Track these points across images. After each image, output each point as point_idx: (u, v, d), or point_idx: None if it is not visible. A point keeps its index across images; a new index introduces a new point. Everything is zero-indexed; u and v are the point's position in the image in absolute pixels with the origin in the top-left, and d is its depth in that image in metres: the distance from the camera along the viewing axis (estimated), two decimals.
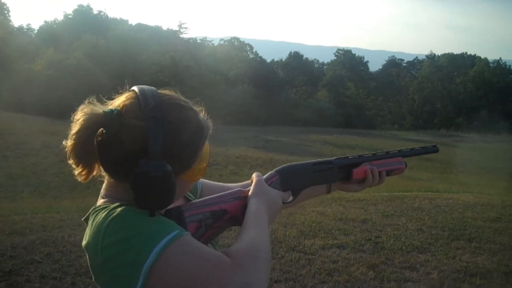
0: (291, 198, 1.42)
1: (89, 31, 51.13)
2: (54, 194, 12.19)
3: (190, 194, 1.44)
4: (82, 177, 1.19)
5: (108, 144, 1.11)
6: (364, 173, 1.59)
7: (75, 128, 1.14)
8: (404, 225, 6.80)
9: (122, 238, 1.03)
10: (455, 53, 77.84)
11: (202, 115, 1.26)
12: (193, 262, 1.02)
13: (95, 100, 1.18)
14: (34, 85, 37.98)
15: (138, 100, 1.14)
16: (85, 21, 57.56)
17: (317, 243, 5.84)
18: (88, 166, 1.17)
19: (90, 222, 1.14)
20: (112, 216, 1.08)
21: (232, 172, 16.90)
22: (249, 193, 1.28)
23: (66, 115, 1.19)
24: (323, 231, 6.35)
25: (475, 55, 77.05)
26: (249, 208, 1.22)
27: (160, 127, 1.10)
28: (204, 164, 1.23)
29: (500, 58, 73.59)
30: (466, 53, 77.73)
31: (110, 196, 1.19)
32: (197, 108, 1.25)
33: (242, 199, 1.27)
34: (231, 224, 1.26)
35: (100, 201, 1.20)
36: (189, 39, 65.78)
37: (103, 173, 1.21)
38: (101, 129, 1.11)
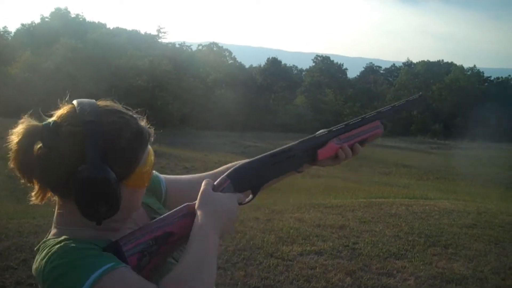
0: (250, 197, 1.36)
1: (67, 34, 50.71)
2: (30, 199, 12.02)
3: (153, 201, 1.41)
4: (38, 199, 1.18)
5: (47, 157, 1.10)
6: (334, 151, 1.46)
7: (14, 142, 1.12)
8: (381, 231, 6.83)
9: (59, 274, 1.02)
10: (431, 60, 78.76)
11: (143, 122, 1.22)
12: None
13: (36, 115, 1.17)
14: (10, 88, 37.56)
15: (75, 109, 1.13)
16: (62, 24, 57.07)
17: (295, 249, 5.84)
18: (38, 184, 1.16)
19: (37, 256, 1.12)
20: (50, 253, 1.06)
21: None
22: (196, 206, 1.21)
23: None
24: (301, 237, 6.35)
25: (451, 62, 78.06)
26: (194, 224, 1.17)
27: (97, 131, 1.09)
28: (149, 170, 1.20)
29: (475, 65, 74.68)
30: (442, 60, 78.77)
31: (62, 224, 1.17)
32: (137, 116, 1.22)
33: (189, 215, 1.21)
34: (181, 244, 1.19)
35: (52, 232, 1.18)
36: (167, 43, 65.63)
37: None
38: (39, 142, 1.10)
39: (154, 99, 47.51)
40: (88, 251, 1.06)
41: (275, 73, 67.97)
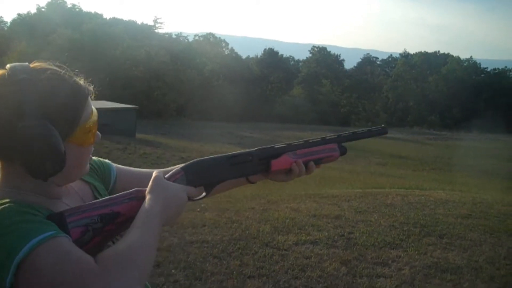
0: (203, 194, 1.35)
1: (63, 24, 50.52)
2: None
3: (99, 184, 1.39)
4: None
5: None
6: (288, 164, 1.45)
7: None
8: (377, 221, 6.85)
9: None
10: (428, 51, 78.74)
11: (82, 80, 1.20)
12: (58, 266, 0.99)
13: None
14: None
15: (7, 73, 1.10)
16: (59, 15, 56.77)
17: (290, 239, 5.85)
18: None
19: None
20: None
21: None
22: (146, 191, 1.20)
23: None
24: (297, 227, 6.36)
25: (448, 53, 78.07)
26: (142, 206, 1.15)
27: (32, 87, 1.08)
28: (93, 128, 1.19)
29: (471, 56, 74.71)
30: (438, 51, 78.75)
31: (3, 187, 1.14)
32: (74, 73, 1.20)
33: (139, 199, 1.19)
34: (127, 227, 1.15)
35: None
36: (164, 34, 65.43)
37: None
38: None
39: (151, 89, 47.46)
40: (30, 216, 1.05)
41: (272, 64, 67.86)
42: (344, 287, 4.59)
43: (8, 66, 1.12)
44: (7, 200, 1.08)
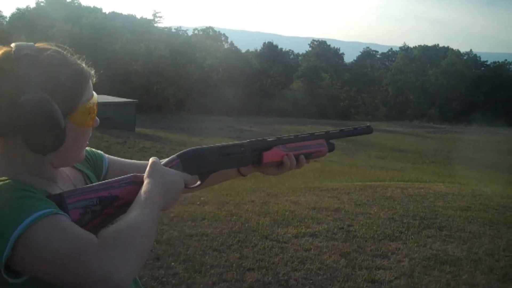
0: (198, 182, 1.37)
1: (62, 19, 50.40)
2: None
3: (90, 174, 1.40)
4: None
5: None
6: (279, 157, 1.49)
7: None
8: (376, 214, 6.86)
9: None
10: (428, 44, 78.63)
11: (83, 63, 1.22)
12: (58, 242, 0.99)
13: None
14: None
15: (12, 50, 1.13)
16: (58, 9, 56.62)
17: (290, 231, 5.86)
18: None
19: None
20: None
21: None
22: (144, 175, 1.22)
23: None
24: (296, 219, 6.37)
25: (447, 47, 77.96)
26: (141, 189, 1.17)
27: (35, 63, 1.10)
28: (93, 111, 1.20)
29: (471, 50, 74.62)
30: (438, 45, 78.60)
31: (1, 165, 1.15)
32: (76, 56, 1.22)
33: (137, 183, 1.21)
34: (125, 211, 1.15)
35: None
36: (163, 28, 65.29)
37: None
38: None
39: (150, 84, 47.40)
40: (30, 193, 1.05)
41: (272, 58, 67.74)
42: (343, 279, 4.60)
43: (13, 44, 1.15)
44: (5, 178, 1.09)
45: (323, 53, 73.57)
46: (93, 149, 1.46)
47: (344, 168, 14.11)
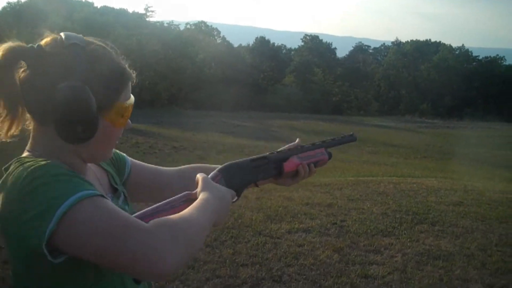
0: (236, 198, 1.37)
1: (53, 12, 50.06)
2: None
3: (114, 174, 1.40)
4: (4, 129, 1.17)
5: (30, 78, 1.11)
6: (295, 167, 1.55)
7: None
8: (369, 209, 6.88)
9: (42, 183, 1.00)
10: (420, 39, 78.73)
11: (127, 65, 1.24)
12: (105, 220, 0.99)
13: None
14: None
15: (61, 38, 1.15)
16: (49, 3, 56.23)
17: (283, 227, 5.86)
18: (11, 110, 1.15)
19: (11, 168, 1.10)
20: (33, 166, 1.04)
21: (199, 157, 16.83)
22: (198, 190, 1.22)
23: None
24: (290, 215, 6.38)
25: (439, 42, 78.06)
26: (200, 198, 1.18)
27: (80, 53, 1.12)
28: (127, 112, 1.21)
29: (463, 45, 74.77)
30: (430, 40, 78.69)
31: (35, 150, 1.16)
32: (121, 56, 1.25)
33: (191, 201, 1.20)
34: None
35: (24, 154, 1.17)
36: (155, 22, 64.98)
37: (27, 125, 1.18)
38: (22, 63, 1.12)
39: (142, 78, 47.22)
40: (74, 173, 1.07)
41: (264, 53, 67.60)
42: (336, 274, 4.61)
43: (62, 33, 1.18)
44: (45, 159, 1.09)
45: (316, 47, 73.50)
46: (117, 151, 1.46)
47: (337, 163, 14.09)
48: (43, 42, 1.15)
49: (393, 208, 6.92)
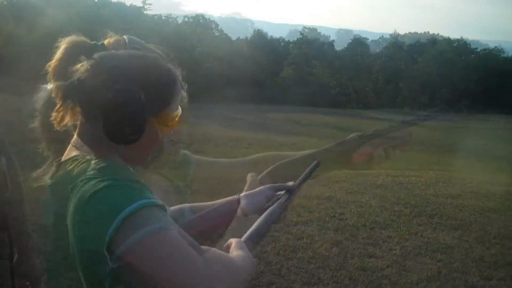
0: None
1: (50, 6, 49.85)
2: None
3: None
4: (58, 118, 1.19)
5: (89, 74, 1.13)
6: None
7: (58, 51, 1.20)
8: (367, 202, 6.87)
9: (111, 185, 1.03)
10: (418, 32, 78.60)
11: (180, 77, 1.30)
12: (169, 252, 1.00)
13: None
14: None
15: (125, 40, 1.22)
16: None
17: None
18: (65, 102, 1.17)
19: (70, 166, 1.12)
20: (98, 166, 1.08)
21: (196, 151, 16.82)
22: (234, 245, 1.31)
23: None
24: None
25: (437, 34, 78.02)
26: (240, 253, 1.24)
27: (141, 58, 1.17)
28: (172, 122, 1.24)
29: (461, 37, 74.74)
30: (428, 32, 78.62)
31: (83, 147, 1.18)
32: (177, 66, 1.30)
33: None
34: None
35: (73, 154, 1.18)
36: (153, 15, 64.77)
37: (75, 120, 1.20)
38: (83, 58, 1.15)
39: None
40: (135, 179, 1.11)
41: (262, 46, 67.45)
42: (335, 267, 4.62)
43: (125, 36, 1.25)
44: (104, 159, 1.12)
45: (314, 40, 73.40)
46: None
47: None
48: (106, 42, 1.21)
49: (391, 201, 6.92)
